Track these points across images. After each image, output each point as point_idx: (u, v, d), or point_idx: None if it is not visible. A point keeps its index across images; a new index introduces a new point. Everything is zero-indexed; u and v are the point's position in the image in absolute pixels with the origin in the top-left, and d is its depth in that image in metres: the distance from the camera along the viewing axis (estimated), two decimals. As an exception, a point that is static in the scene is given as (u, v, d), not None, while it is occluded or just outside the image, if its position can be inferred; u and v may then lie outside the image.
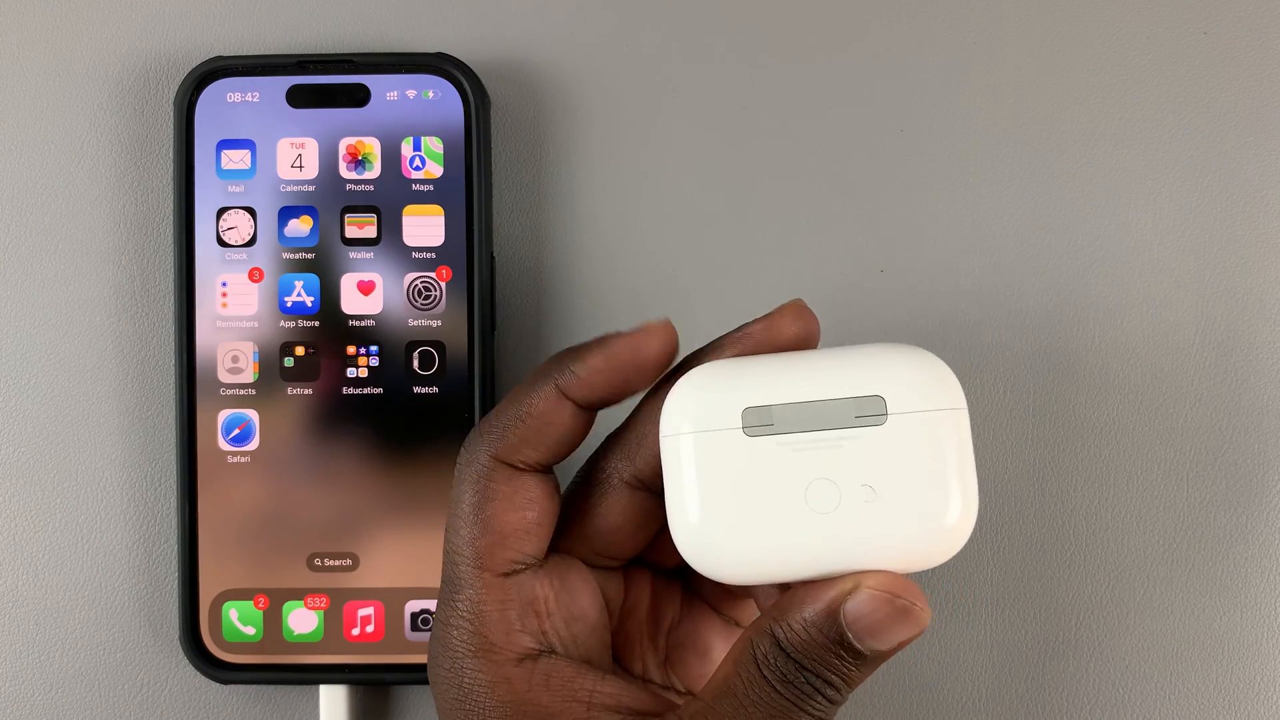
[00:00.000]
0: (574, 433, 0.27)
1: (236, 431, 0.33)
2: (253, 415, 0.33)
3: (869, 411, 0.24)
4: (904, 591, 0.24)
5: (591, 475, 0.28)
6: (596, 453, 0.28)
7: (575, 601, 0.27)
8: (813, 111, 0.34)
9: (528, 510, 0.26)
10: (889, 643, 0.24)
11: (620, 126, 0.34)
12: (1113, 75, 0.34)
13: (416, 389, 0.33)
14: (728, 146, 0.34)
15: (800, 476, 0.24)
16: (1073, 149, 0.34)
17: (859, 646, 0.24)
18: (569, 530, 0.28)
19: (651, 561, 0.29)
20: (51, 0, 0.35)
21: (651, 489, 0.27)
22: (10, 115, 0.35)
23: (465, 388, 0.33)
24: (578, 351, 0.26)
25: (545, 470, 0.27)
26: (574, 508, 0.28)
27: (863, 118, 0.34)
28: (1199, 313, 0.34)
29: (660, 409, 0.25)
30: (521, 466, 0.26)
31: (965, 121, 0.34)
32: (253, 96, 0.33)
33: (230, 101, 0.33)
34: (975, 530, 0.34)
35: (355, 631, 0.33)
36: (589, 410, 0.27)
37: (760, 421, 0.24)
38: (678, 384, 0.25)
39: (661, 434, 0.25)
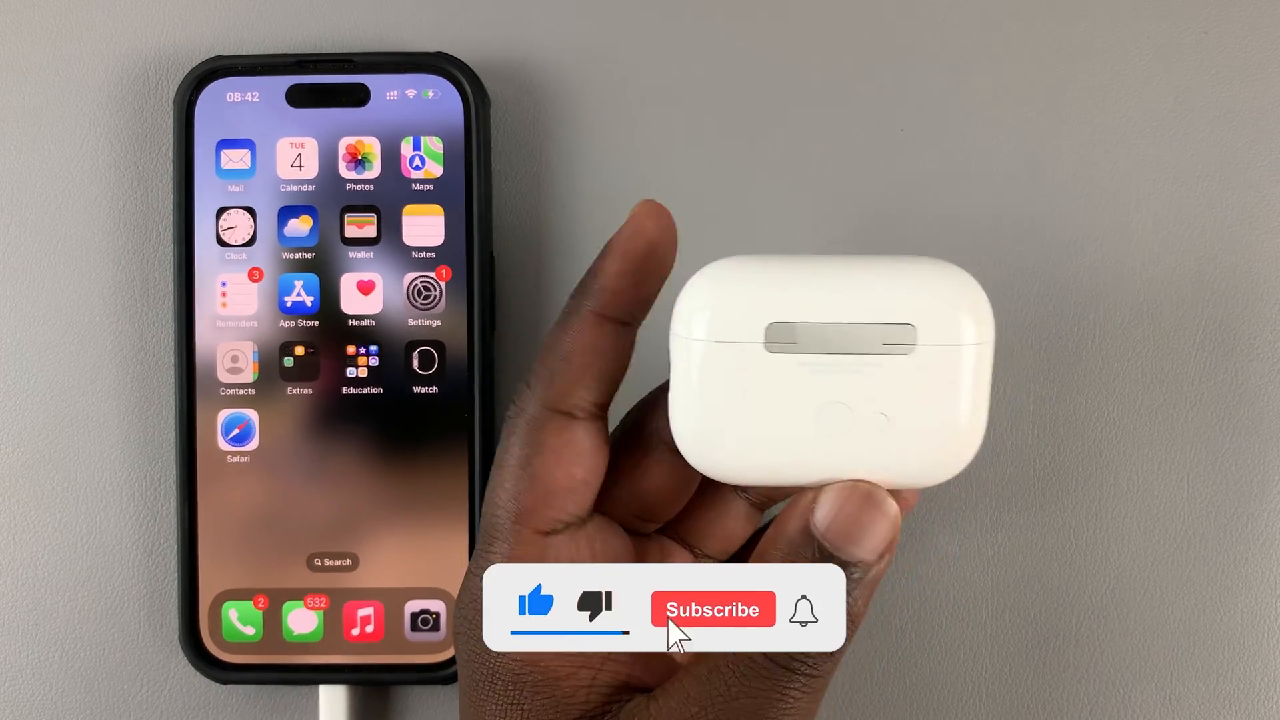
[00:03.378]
0: (620, 357, 0.26)
1: (236, 431, 0.33)
2: (252, 415, 0.33)
3: (897, 340, 0.23)
4: (863, 482, 0.23)
5: (632, 434, 0.27)
6: (636, 410, 0.28)
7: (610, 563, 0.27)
8: (813, 111, 0.34)
9: (576, 467, 0.26)
10: (866, 544, 0.23)
11: (620, 126, 0.34)
12: (1113, 75, 0.34)
13: (416, 389, 0.33)
14: (727, 146, 0.34)
15: (815, 397, 0.23)
16: (1072, 149, 0.34)
17: (841, 555, 0.23)
18: (608, 492, 0.27)
19: (699, 549, 0.29)
20: (51, 0, 0.35)
21: None
22: (10, 115, 0.35)
23: (465, 388, 0.33)
24: (592, 270, 0.26)
25: (598, 417, 0.26)
26: (613, 468, 0.27)
27: (863, 118, 0.34)
28: (1199, 312, 0.34)
29: None
30: (576, 414, 0.26)
31: (965, 121, 0.34)
32: (252, 96, 0.33)
33: (230, 101, 0.33)
34: (975, 530, 0.34)
35: (355, 631, 0.33)
36: (627, 326, 0.26)
37: (783, 339, 0.23)
38: (695, 280, 0.24)
39: (673, 331, 0.24)
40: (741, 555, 0.30)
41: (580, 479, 0.26)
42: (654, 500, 0.28)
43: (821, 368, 0.23)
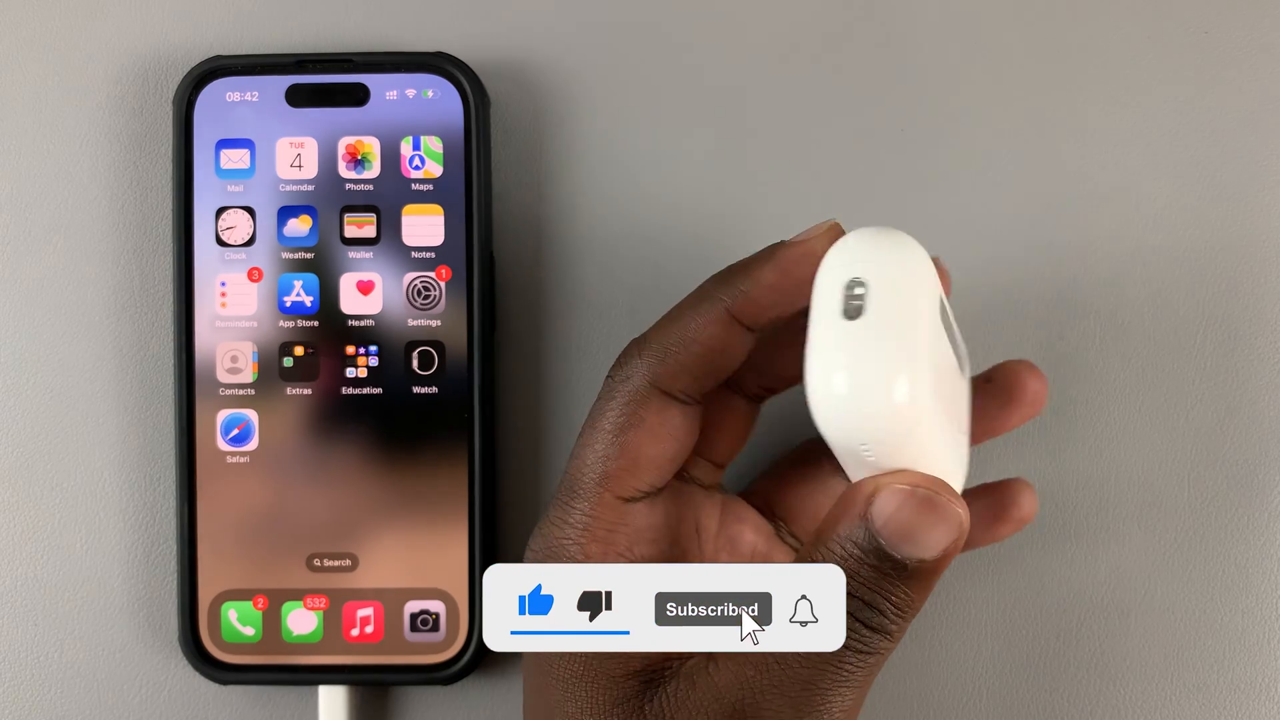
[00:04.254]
0: (738, 359, 0.26)
1: (236, 432, 0.33)
2: (252, 415, 0.33)
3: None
4: (926, 484, 0.23)
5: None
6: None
7: (679, 529, 0.27)
8: (813, 111, 0.34)
9: (669, 444, 0.26)
10: (926, 547, 0.23)
11: (620, 126, 0.34)
12: (1113, 75, 0.34)
13: (416, 389, 0.33)
14: (727, 146, 0.34)
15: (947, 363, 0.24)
16: (1072, 149, 0.34)
17: (896, 555, 0.23)
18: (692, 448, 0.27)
19: (781, 518, 0.30)
20: (51, 0, 0.35)
21: (757, 398, 0.27)
22: (9, 115, 0.35)
23: (465, 388, 0.33)
24: (746, 268, 0.25)
25: (699, 402, 0.26)
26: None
27: (863, 118, 0.34)
28: (1199, 312, 0.34)
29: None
30: (680, 396, 0.26)
31: (965, 121, 0.34)
32: (252, 96, 0.33)
33: (229, 101, 0.33)
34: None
35: (355, 632, 0.33)
36: (755, 332, 0.26)
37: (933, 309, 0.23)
38: (861, 235, 0.24)
39: (824, 272, 0.23)
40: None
41: (671, 455, 0.26)
42: (715, 441, 0.28)
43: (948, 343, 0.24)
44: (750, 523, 0.29)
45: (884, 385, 0.22)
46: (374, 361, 0.33)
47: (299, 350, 0.33)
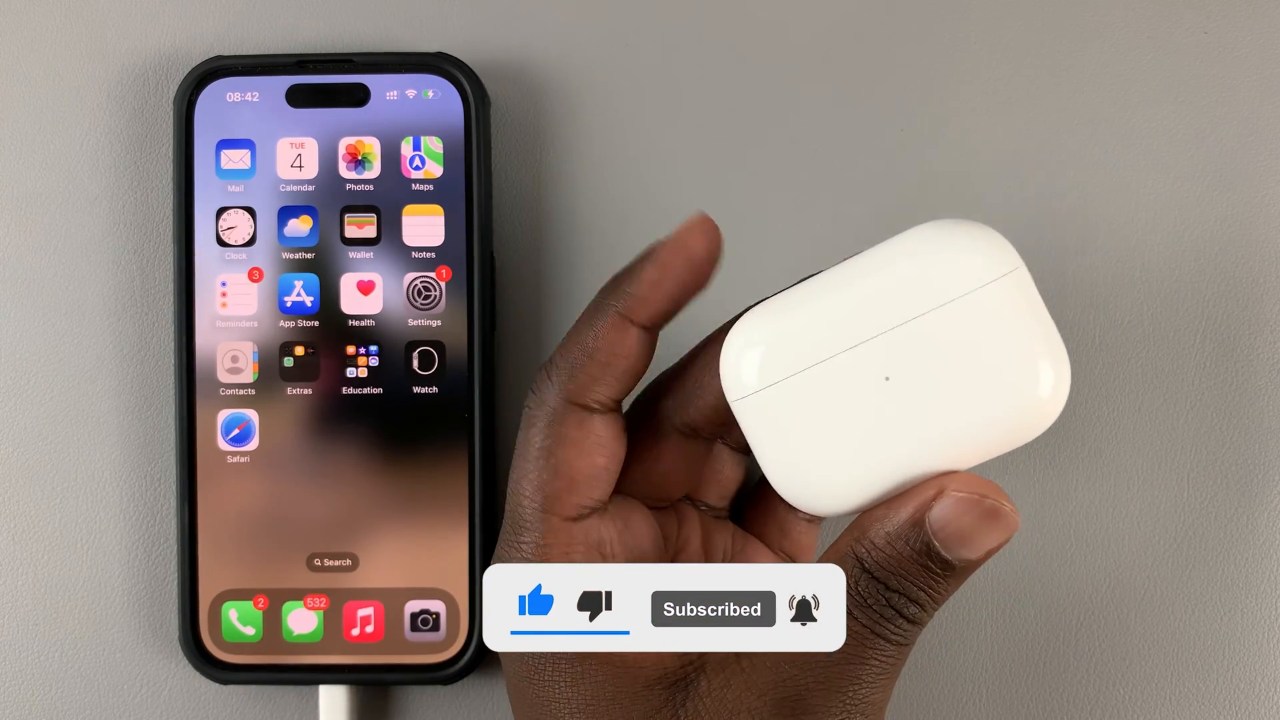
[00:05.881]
0: (641, 359, 0.26)
1: (236, 431, 0.33)
2: (252, 415, 0.33)
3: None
4: (990, 492, 0.23)
5: (645, 418, 0.28)
6: (648, 394, 0.28)
7: (638, 542, 0.27)
8: (813, 111, 0.34)
9: (598, 455, 0.26)
10: (979, 549, 0.23)
11: (620, 126, 0.34)
12: (1113, 75, 0.34)
13: (416, 389, 0.33)
14: (727, 146, 0.34)
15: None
16: (1072, 149, 0.34)
17: (947, 556, 0.23)
18: (625, 471, 0.28)
19: (701, 501, 0.30)
20: (51, 0, 0.35)
21: (704, 435, 0.27)
22: (10, 115, 0.35)
23: (465, 388, 0.33)
24: (629, 272, 0.26)
25: (615, 408, 0.27)
26: (629, 449, 0.28)
27: (863, 118, 0.34)
28: (1199, 313, 0.34)
29: (718, 360, 0.25)
30: (595, 407, 0.26)
31: (965, 121, 0.34)
32: (252, 96, 0.33)
33: (230, 101, 0.33)
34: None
35: (355, 632, 0.33)
36: (652, 331, 0.26)
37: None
38: (728, 344, 0.25)
39: (729, 396, 0.25)
40: (739, 502, 0.30)
41: (602, 466, 0.26)
42: (668, 481, 0.28)
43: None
44: (690, 518, 0.30)
45: (814, 474, 0.24)
46: (374, 361, 0.33)
47: (299, 350, 0.33)
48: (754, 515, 0.31)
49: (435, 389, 0.33)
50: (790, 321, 0.24)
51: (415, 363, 0.33)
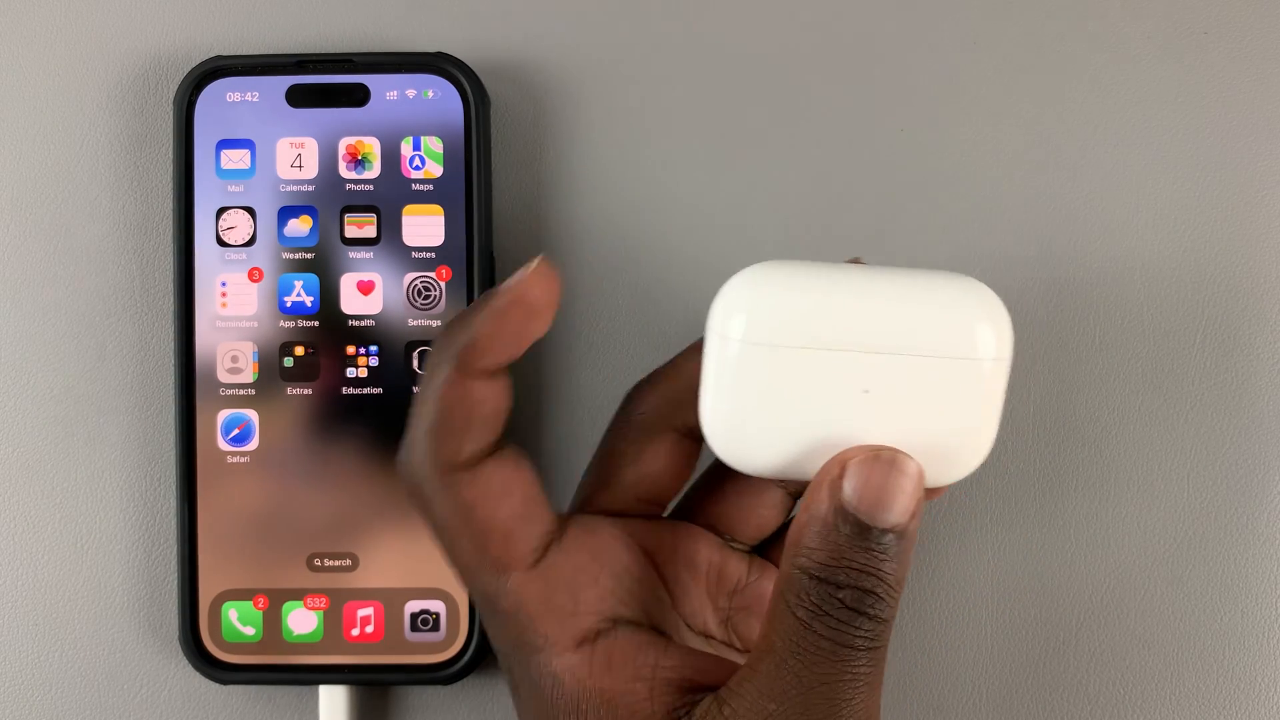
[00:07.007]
0: (497, 400, 0.25)
1: (236, 432, 0.33)
2: (252, 415, 0.33)
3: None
4: (884, 448, 0.24)
5: (631, 418, 0.27)
6: (636, 395, 0.28)
7: (616, 557, 0.27)
8: (813, 111, 0.34)
9: (509, 497, 0.25)
10: (899, 509, 0.23)
11: (620, 126, 0.34)
12: (1113, 75, 0.34)
13: (416, 389, 0.33)
14: (727, 146, 0.34)
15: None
16: (1072, 149, 0.34)
17: (876, 524, 0.23)
18: (606, 480, 0.27)
19: (724, 532, 0.29)
20: (51, 0, 0.35)
21: (698, 438, 0.27)
22: (10, 115, 0.35)
23: (465, 388, 0.33)
24: (462, 321, 0.25)
25: (497, 447, 0.26)
26: (613, 454, 0.27)
27: (863, 118, 0.34)
28: (1199, 313, 0.34)
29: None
30: (472, 459, 0.25)
31: (965, 121, 0.34)
32: (252, 96, 0.33)
33: (230, 101, 0.33)
34: (976, 529, 0.34)
35: (355, 632, 0.33)
36: (500, 374, 0.25)
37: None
38: (735, 281, 0.25)
39: (710, 328, 0.25)
40: (773, 541, 0.30)
41: (520, 507, 0.25)
42: (658, 483, 0.28)
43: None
44: (699, 539, 0.29)
45: (746, 436, 0.25)
46: (374, 361, 0.33)
47: (299, 350, 0.33)
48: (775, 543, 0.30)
49: (435, 389, 0.33)
50: (803, 294, 0.24)
51: (415, 363, 0.33)
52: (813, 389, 0.24)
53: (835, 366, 0.24)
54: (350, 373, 0.33)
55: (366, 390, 0.33)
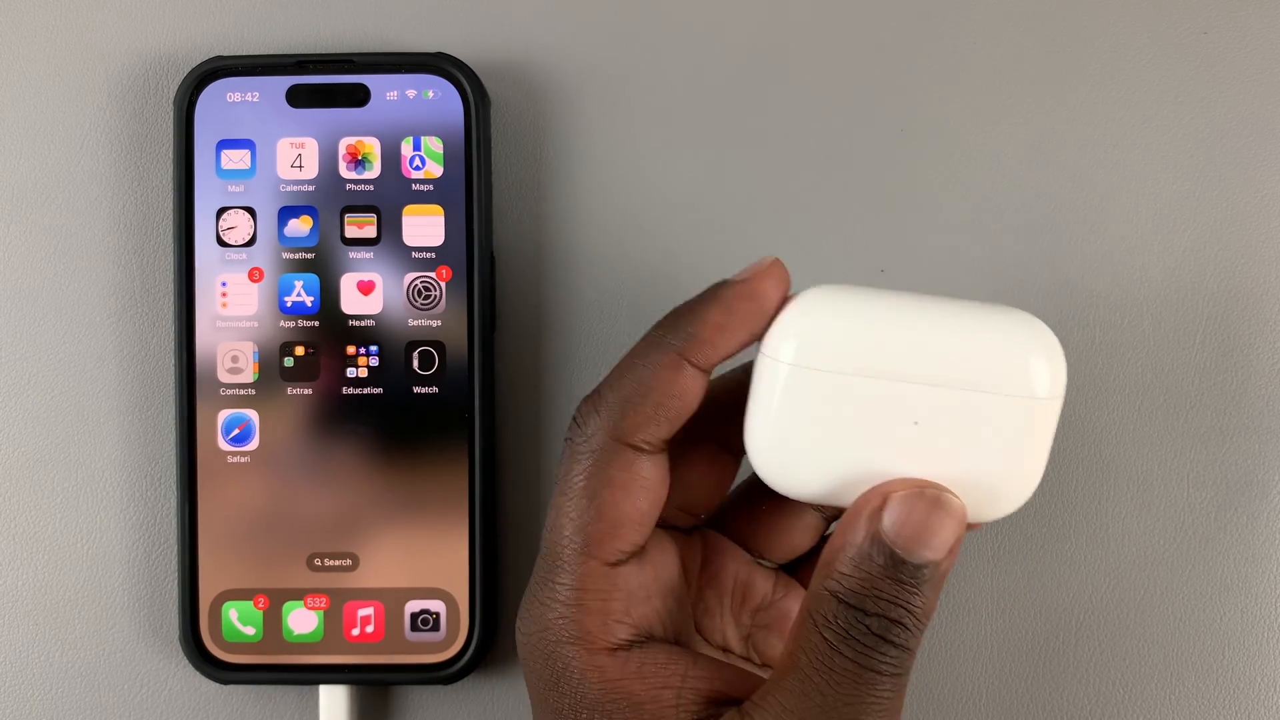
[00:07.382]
0: (696, 400, 0.25)
1: (236, 431, 0.33)
2: (252, 415, 0.33)
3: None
4: (929, 485, 0.23)
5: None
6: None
7: (671, 579, 0.27)
8: (813, 112, 0.34)
9: (642, 499, 0.25)
10: (937, 545, 0.23)
11: (620, 126, 0.34)
12: (1113, 75, 0.34)
13: (416, 389, 0.33)
14: (728, 147, 0.34)
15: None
16: (1072, 149, 0.34)
17: (911, 559, 0.23)
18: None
19: (754, 549, 0.29)
20: (51, 0, 0.35)
21: (736, 452, 0.27)
22: (10, 115, 0.35)
23: (465, 387, 0.33)
24: (693, 310, 0.25)
25: (663, 449, 0.26)
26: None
27: (863, 118, 0.34)
28: (1199, 313, 0.34)
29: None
30: (644, 447, 0.25)
31: (965, 121, 0.34)
32: (252, 96, 0.33)
33: (230, 101, 0.33)
34: (976, 529, 0.34)
35: (355, 631, 0.33)
36: (709, 373, 0.25)
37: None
38: (792, 306, 0.24)
39: (762, 351, 0.24)
40: (803, 562, 0.30)
41: (646, 510, 0.26)
42: (696, 494, 0.28)
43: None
44: (728, 554, 0.29)
45: (790, 460, 0.25)
46: (374, 361, 0.33)
47: (299, 350, 0.33)
48: (804, 560, 0.30)
49: (435, 389, 0.33)
50: (856, 321, 0.24)
51: (415, 363, 0.33)
52: (861, 417, 0.24)
53: (885, 396, 0.24)
54: (350, 373, 0.33)
55: (367, 390, 0.33)
